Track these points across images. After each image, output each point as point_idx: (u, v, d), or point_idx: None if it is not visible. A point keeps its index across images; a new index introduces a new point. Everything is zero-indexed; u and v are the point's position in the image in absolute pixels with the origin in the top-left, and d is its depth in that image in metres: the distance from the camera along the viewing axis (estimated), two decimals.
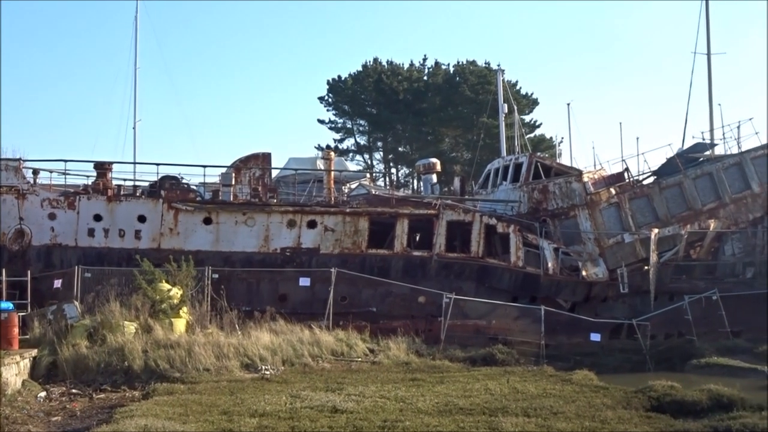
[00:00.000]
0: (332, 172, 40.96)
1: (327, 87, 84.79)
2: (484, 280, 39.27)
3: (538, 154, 55.21)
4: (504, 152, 55.75)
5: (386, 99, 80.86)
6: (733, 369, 33.86)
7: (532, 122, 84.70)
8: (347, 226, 38.21)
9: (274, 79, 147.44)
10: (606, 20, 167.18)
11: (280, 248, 37.68)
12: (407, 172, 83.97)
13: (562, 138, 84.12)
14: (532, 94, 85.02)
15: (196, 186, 40.67)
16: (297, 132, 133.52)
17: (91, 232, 37.00)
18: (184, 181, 40.10)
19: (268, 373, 27.93)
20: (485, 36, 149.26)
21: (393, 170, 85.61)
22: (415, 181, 76.91)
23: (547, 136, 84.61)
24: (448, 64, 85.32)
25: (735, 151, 46.41)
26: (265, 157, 39.27)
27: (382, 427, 19.03)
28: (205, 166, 38.77)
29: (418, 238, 42.16)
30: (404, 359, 32.04)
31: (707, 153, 46.67)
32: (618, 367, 34.74)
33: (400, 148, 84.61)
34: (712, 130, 53.53)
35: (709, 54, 56.04)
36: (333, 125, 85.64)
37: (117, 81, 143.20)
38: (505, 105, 57.10)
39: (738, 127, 48.15)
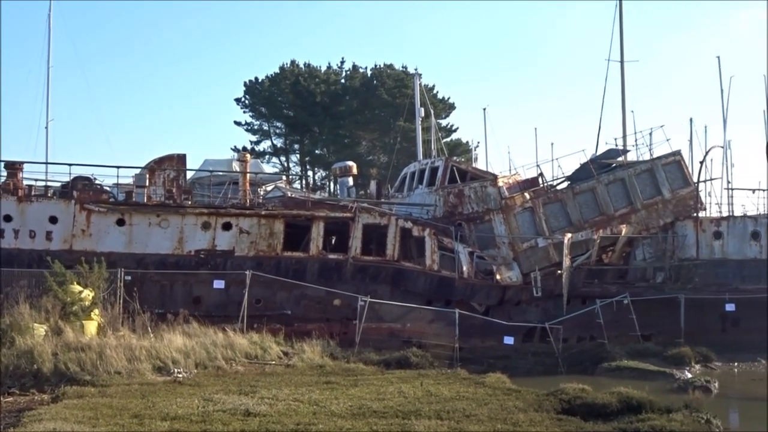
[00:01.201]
0: (248, 174, 40.68)
1: (243, 89, 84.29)
2: (399, 283, 39.32)
3: (454, 158, 55.56)
4: (420, 156, 55.90)
5: (303, 101, 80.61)
6: (643, 372, 34.49)
7: (449, 126, 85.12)
8: (262, 228, 38.00)
9: (191, 80, 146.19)
10: (523, 27, 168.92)
11: (194, 250, 37.30)
12: (324, 174, 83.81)
13: (478, 142, 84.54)
14: (449, 98, 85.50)
15: (109, 187, 40.11)
16: (213, 134, 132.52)
17: (0, 233, 36.27)
18: (97, 181, 39.51)
19: (180, 376, 27.62)
20: (403, 40, 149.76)
21: (309, 173, 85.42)
22: (332, 184, 76.75)
23: (464, 141, 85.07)
24: (366, 68, 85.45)
25: (647, 157, 47.14)
26: (180, 159, 38.85)
27: (295, 430, 18.93)
28: (118, 167, 38.20)
29: (333, 241, 42.13)
30: (319, 362, 31.92)
31: (620, 159, 47.37)
32: (531, 370, 35.10)
33: (316, 151, 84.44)
34: (624, 137, 54.28)
35: (622, 62, 56.80)
36: (249, 127, 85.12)
37: (29, 80, 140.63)
38: (422, 109, 57.26)
39: (650, 134, 48.97)
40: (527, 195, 43.56)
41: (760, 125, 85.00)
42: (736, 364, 38.46)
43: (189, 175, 42.08)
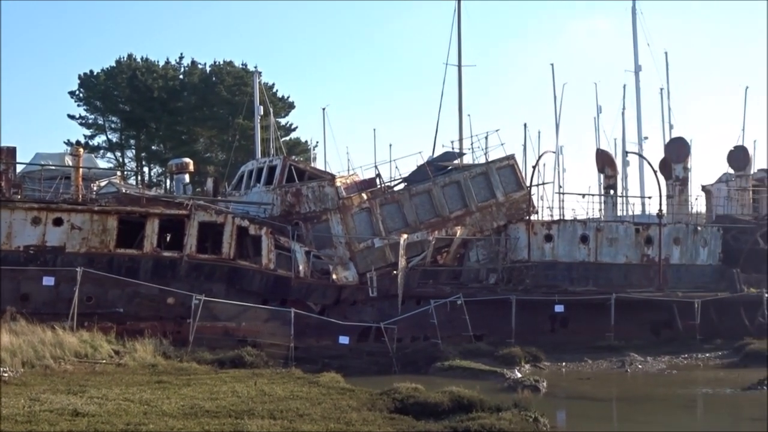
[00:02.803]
0: (80, 169, 39.68)
1: (78, 82, 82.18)
2: (235, 282, 39.00)
3: (293, 157, 55.48)
4: (259, 154, 55.65)
5: (140, 96, 79.11)
6: (475, 371, 35.07)
7: (288, 125, 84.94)
8: (95, 224, 37.11)
9: (22, 71, 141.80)
10: (363, 28, 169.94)
11: (23, 246, 36.13)
12: (160, 171, 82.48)
13: (317, 142, 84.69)
14: (288, 97, 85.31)
15: None
16: (46, 127, 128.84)
17: None
18: None
19: (6, 375, 26.76)
20: (243, 38, 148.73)
21: (145, 169, 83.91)
22: (168, 181, 75.61)
23: (302, 140, 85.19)
24: (205, 64, 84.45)
25: (482, 160, 47.94)
26: (10, 152, 37.61)
27: (125, 430, 18.59)
28: None
29: (168, 238, 41.46)
30: (151, 361, 31.44)
31: (456, 162, 48.03)
32: (365, 369, 35.33)
33: (153, 147, 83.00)
34: (461, 140, 55.13)
35: (460, 66, 57.65)
36: (84, 121, 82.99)
37: None
38: (261, 107, 57.05)
39: (486, 138, 49.84)
40: (364, 195, 43.79)
41: (591, 132, 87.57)
42: (564, 363, 39.43)
43: (19, 168, 40.79)
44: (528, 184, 46.99)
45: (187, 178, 48.43)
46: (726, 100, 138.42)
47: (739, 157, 53.00)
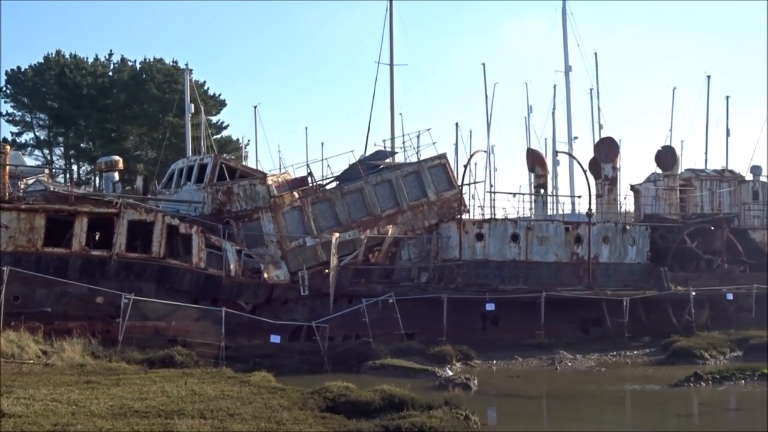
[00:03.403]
0: (7, 167, 39.05)
1: (5, 78, 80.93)
2: (165, 281, 38.69)
3: (224, 155, 55.11)
4: (189, 152, 55.27)
5: (69, 93, 78.08)
6: (407, 370, 35.17)
7: (219, 123, 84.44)
8: (22, 223, 36.56)
9: None
10: (295, 26, 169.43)
11: None
12: (89, 169, 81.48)
13: (249, 140, 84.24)
14: (219, 95, 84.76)
15: None
16: None
17: None
18: None
19: None
20: (173, 35, 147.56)
21: (74, 167, 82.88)
22: (97, 179, 74.69)
23: (234, 138, 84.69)
24: (135, 61, 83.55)
25: (414, 159, 48.04)
26: None
27: (53, 431, 18.34)
28: None
29: (97, 237, 40.98)
30: (79, 361, 31.07)
31: (388, 161, 48.10)
32: (297, 368, 35.27)
33: (82, 145, 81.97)
34: (393, 139, 55.23)
35: (392, 65, 57.79)
36: (11, 118, 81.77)
37: None
38: (192, 105, 56.64)
39: (417, 137, 49.97)
40: (296, 194, 43.71)
41: (522, 131, 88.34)
42: (494, 361, 39.68)
43: None
44: (459, 183, 47.21)
45: (116, 176, 47.82)
46: (654, 101, 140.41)
47: (666, 157, 53.67)
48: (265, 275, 40.82)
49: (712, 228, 50.92)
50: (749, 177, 57.56)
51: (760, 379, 33.92)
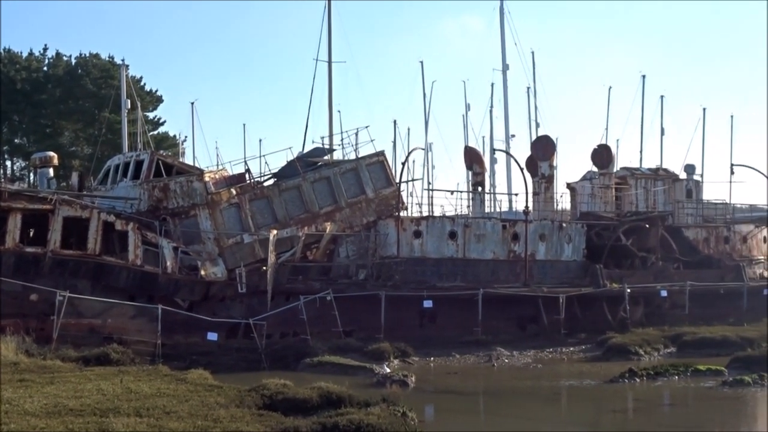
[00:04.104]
0: None
1: None
2: (100, 278, 38.35)
3: (161, 152, 54.73)
4: (126, 149, 54.76)
5: (3, 88, 76.77)
6: (344, 367, 35.16)
7: (156, 119, 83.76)
8: None
9: None
10: (234, 22, 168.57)
11: None
12: (23, 165, 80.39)
13: (186, 137, 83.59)
14: (156, 91, 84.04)
15: None
16: None
17: None
18: None
19: None
20: (109, 30, 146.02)
21: (8, 163, 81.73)
22: (32, 175, 73.71)
23: (171, 134, 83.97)
24: (71, 56, 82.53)
25: (352, 157, 48.03)
26: None
27: None
28: None
29: (32, 233, 40.48)
30: (13, 359, 30.52)
31: (326, 158, 48.00)
32: (234, 365, 35.06)
33: (16, 140, 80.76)
34: (331, 136, 55.19)
35: (330, 62, 57.74)
36: None
37: None
38: (129, 101, 56.11)
39: (356, 134, 49.96)
40: (234, 191, 43.44)
41: (460, 129, 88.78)
42: (432, 358, 39.82)
43: None
44: (397, 180, 47.28)
45: (51, 172, 47.17)
46: (591, 100, 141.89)
47: (602, 155, 54.19)
48: (202, 272, 40.59)
49: (647, 226, 51.55)
50: (683, 175, 58.36)
51: (693, 375, 34.40)
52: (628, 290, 47.16)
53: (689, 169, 60.22)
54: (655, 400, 31.20)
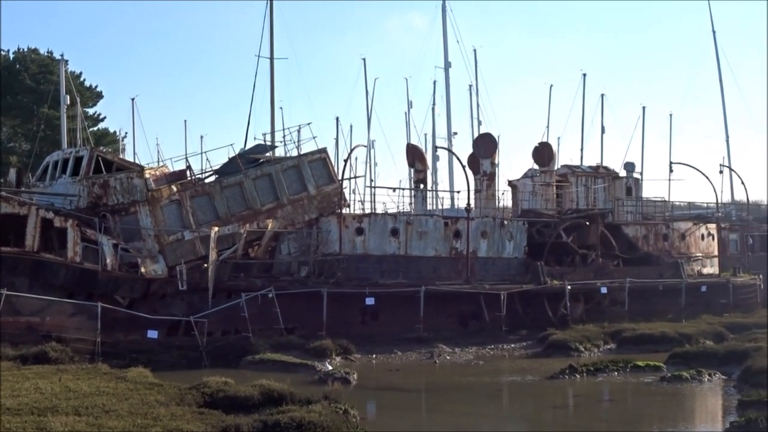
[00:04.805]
0: None
1: None
2: (39, 275, 37.91)
3: (101, 148, 54.21)
4: (65, 145, 54.23)
5: None
6: (286, 364, 35.08)
7: (96, 115, 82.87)
8: None
9: None
10: (175, 18, 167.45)
11: None
12: None
13: (126, 133, 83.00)
14: (96, 86, 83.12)
15: None
16: None
17: None
18: None
19: None
20: (48, 24, 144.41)
21: None
22: None
23: (111, 131, 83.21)
24: (8, 51, 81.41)
25: (294, 153, 47.90)
26: None
27: None
28: None
29: None
30: None
31: (268, 154, 47.80)
32: (175, 363, 34.79)
33: None
34: (273, 133, 55.00)
35: (272, 58, 57.54)
36: None
37: None
38: (68, 96, 55.54)
39: (298, 131, 49.81)
40: (174, 188, 43.11)
41: (403, 126, 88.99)
42: (374, 355, 39.84)
43: None
44: (340, 177, 47.21)
45: None
46: (532, 98, 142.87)
47: (543, 153, 54.53)
48: (143, 270, 40.26)
49: (587, 223, 52.05)
50: (623, 173, 58.91)
51: (632, 371, 34.74)
52: (569, 287, 47.57)
53: (629, 167, 60.85)
54: (594, 396, 31.46)
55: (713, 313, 50.23)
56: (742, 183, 66.00)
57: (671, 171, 68.91)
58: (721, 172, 71.30)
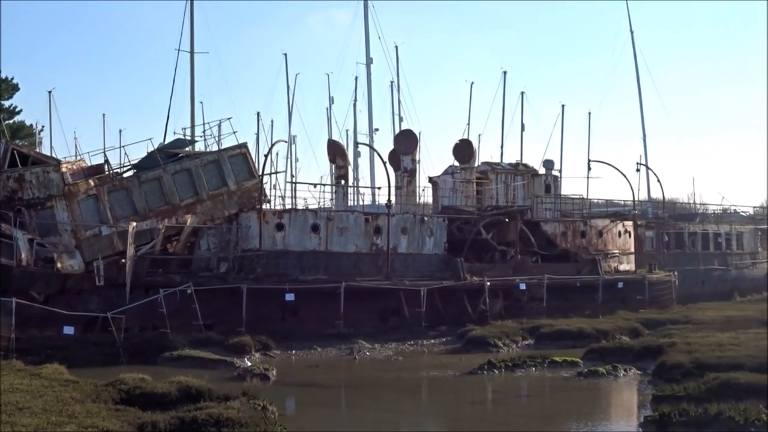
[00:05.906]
0: None
1: None
2: None
3: (16, 141, 53.33)
4: None
5: None
6: (205, 361, 34.90)
7: (12, 108, 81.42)
8: None
9: None
10: (92, 9, 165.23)
11: None
12: None
13: (43, 126, 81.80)
14: (12, 78, 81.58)
15: None
16: None
17: None
18: None
19: None
20: None
21: None
22: None
23: (27, 124, 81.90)
24: None
25: (214, 148, 47.59)
26: None
27: None
28: None
29: None
30: None
31: (187, 149, 47.41)
32: (91, 360, 34.42)
33: None
34: (193, 127, 54.70)
35: (192, 52, 57.21)
36: None
37: None
38: None
39: (218, 126, 49.50)
40: (92, 182, 42.55)
41: (324, 123, 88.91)
42: (294, 352, 39.77)
43: None
44: (260, 172, 46.97)
45: None
46: (453, 95, 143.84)
47: (464, 150, 54.83)
48: (59, 265, 39.70)
49: (507, 220, 52.43)
50: (542, 171, 59.52)
51: (550, 367, 35.11)
52: (488, 283, 47.89)
53: (548, 164, 61.48)
54: (513, 391, 31.81)
55: (629, 309, 50.90)
56: (659, 181, 66.99)
57: (589, 169, 69.66)
58: (638, 170, 72.33)
